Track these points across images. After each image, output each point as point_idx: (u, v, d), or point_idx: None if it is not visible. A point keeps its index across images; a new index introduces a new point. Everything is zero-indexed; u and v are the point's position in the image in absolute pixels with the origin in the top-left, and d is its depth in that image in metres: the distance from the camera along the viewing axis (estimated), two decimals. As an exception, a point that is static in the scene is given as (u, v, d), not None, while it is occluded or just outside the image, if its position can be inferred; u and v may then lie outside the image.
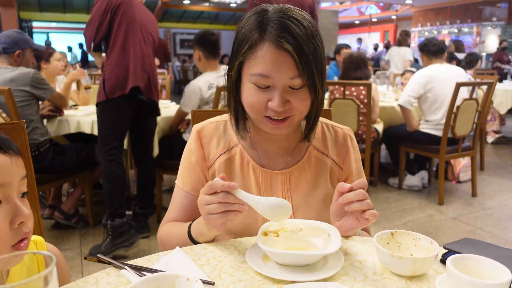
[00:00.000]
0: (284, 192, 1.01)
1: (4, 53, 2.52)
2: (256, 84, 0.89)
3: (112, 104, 2.44)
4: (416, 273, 0.75)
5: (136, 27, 2.45)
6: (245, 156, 1.02)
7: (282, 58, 0.85)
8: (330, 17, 12.92)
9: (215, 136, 1.04)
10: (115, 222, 2.47)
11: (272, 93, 0.88)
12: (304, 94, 0.90)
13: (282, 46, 0.84)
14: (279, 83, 0.87)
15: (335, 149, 1.05)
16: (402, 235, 0.83)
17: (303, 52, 0.85)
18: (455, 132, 3.26)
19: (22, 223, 0.66)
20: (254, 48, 0.88)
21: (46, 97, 2.57)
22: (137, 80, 2.42)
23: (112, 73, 2.41)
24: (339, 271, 0.77)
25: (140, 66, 2.46)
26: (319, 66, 0.89)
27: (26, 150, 1.14)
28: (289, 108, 0.89)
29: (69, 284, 0.73)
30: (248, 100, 0.92)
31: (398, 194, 3.64)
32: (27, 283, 0.46)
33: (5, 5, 9.59)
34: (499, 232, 2.87)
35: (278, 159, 1.02)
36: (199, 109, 1.74)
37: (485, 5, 12.22)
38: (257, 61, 0.87)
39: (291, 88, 0.88)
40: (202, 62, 2.85)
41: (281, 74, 0.86)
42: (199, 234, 0.90)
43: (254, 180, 1.01)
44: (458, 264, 0.67)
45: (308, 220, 0.88)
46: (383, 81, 5.13)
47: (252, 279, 0.75)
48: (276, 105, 0.87)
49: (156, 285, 0.64)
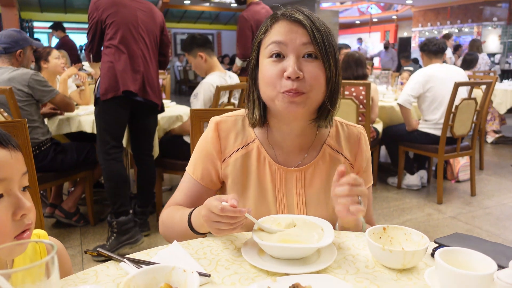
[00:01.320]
0: (298, 189, 1.03)
1: (6, 53, 2.53)
2: (271, 54, 0.93)
3: (107, 106, 2.46)
4: (407, 266, 0.77)
5: (126, 29, 2.45)
6: (262, 152, 1.03)
7: (295, 27, 0.92)
8: (330, 17, 12.92)
9: (233, 130, 1.06)
10: (120, 219, 2.49)
11: (286, 62, 0.91)
12: (317, 66, 0.92)
13: (295, 17, 0.92)
14: (292, 50, 0.91)
15: (348, 146, 1.08)
16: (394, 230, 0.85)
17: (315, 25, 0.92)
18: (454, 132, 3.27)
19: (24, 215, 0.68)
20: (270, 27, 0.95)
21: (45, 99, 2.56)
22: (127, 83, 2.42)
23: (105, 76, 2.43)
24: (332, 264, 0.79)
25: (130, 68, 2.45)
26: (331, 48, 0.93)
27: (28, 148, 1.16)
28: (303, 79, 0.91)
29: (70, 276, 0.76)
30: (264, 76, 0.94)
31: (397, 193, 3.66)
32: (29, 271, 0.48)
33: (6, 5, 9.61)
34: (497, 231, 2.89)
35: (294, 156, 1.04)
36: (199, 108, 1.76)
37: (486, 5, 12.22)
38: (272, 34, 0.94)
39: (304, 58, 0.92)
40: (208, 62, 2.83)
41: (294, 40, 0.91)
42: (200, 226, 0.92)
43: (270, 176, 1.02)
44: (446, 257, 0.69)
45: (302, 216, 0.90)
46: (382, 81, 5.14)
47: (247, 272, 0.77)
48: (290, 70, 0.89)
49: (153, 276, 0.66)
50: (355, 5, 15.00)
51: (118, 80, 2.41)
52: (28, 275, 0.49)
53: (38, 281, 0.49)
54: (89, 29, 2.46)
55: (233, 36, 18.06)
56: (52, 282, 0.51)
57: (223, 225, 0.82)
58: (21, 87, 2.44)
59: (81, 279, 0.75)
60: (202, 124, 1.42)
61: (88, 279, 0.75)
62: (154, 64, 2.63)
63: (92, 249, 2.52)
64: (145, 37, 2.55)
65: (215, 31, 17.76)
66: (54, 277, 0.52)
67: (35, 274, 0.49)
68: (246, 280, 0.75)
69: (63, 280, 0.74)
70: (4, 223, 0.65)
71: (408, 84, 3.48)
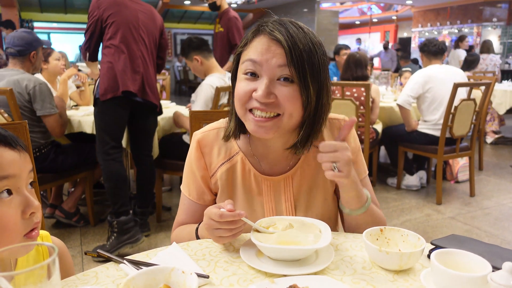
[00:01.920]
0: (287, 195, 1.01)
1: (20, 55, 2.51)
2: (246, 72, 0.90)
3: (106, 106, 2.46)
4: (403, 267, 0.78)
5: (126, 29, 2.45)
6: (247, 164, 1.02)
7: (273, 46, 0.87)
8: (330, 18, 12.94)
9: (215, 144, 1.04)
10: (121, 219, 2.49)
11: (258, 83, 0.88)
12: (293, 91, 0.87)
13: (274, 36, 0.86)
14: (267, 71, 0.87)
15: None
16: (391, 232, 0.86)
17: (296, 46, 0.85)
18: (453, 132, 3.28)
19: (33, 213, 0.70)
20: (250, 40, 0.91)
21: (39, 112, 2.49)
22: (127, 83, 2.43)
23: (104, 76, 2.43)
24: (330, 265, 0.80)
25: (130, 69, 2.45)
26: (315, 71, 0.87)
27: (29, 149, 1.17)
28: (275, 102, 0.87)
29: (70, 278, 0.77)
30: (236, 92, 0.92)
31: (397, 194, 3.67)
32: (31, 273, 0.49)
33: (6, 6, 9.63)
34: (496, 231, 2.90)
35: (279, 164, 1.02)
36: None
37: (485, 6, 12.22)
38: (250, 49, 0.90)
39: (280, 81, 0.87)
40: (205, 64, 2.84)
41: (270, 61, 0.86)
42: (206, 236, 0.94)
43: (257, 188, 1.01)
44: (442, 258, 0.70)
45: (300, 217, 0.91)
46: (382, 81, 5.15)
47: (245, 273, 0.78)
48: (260, 94, 0.86)
49: (152, 277, 0.67)
50: (355, 6, 15.01)
51: (117, 80, 2.41)
52: (30, 276, 0.50)
53: (39, 282, 0.50)
54: (88, 27, 2.45)
55: (233, 36, 18.08)
56: (53, 283, 0.52)
57: (223, 232, 0.83)
58: (22, 92, 2.43)
59: (81, 281, 0.76)
60: (201, 125, 1.43)
61: (88, 280, 0.76)
62: (153, 65, 2.65)
63: (92, 250, 2.53)
64: (145, 38, 2.55)
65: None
66: (55, 278, 0.53)
67: (37, 275, 0.50)
68: (244, 281, 0.76)
69: (64, 282, 0.75)
70: (15, 221, 0.67)
71: (407, 84, 3.48)
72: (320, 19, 12.59)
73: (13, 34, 2.54)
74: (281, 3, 13.45)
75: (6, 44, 2.53)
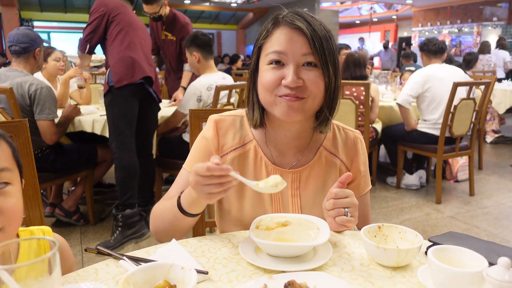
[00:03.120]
0: (293, 190, 1.04)
1: (25, 52, 2.50)
2: (271, 62, 0.93)
3: (120, 93, 2.49)
4: (401, 263, 0.78)
5: (136, 28, 2.54)
6: (259, 153, 1.05)
7: (296, 36, 0.92)
8: (330, 17, 12.95)
9: (231, 129, 1.07)
10: (126, 212, 2.49)
11: (286, 71, 0.92)
12: (317, 75, 0.93)
13: (296, 25, 0.91)
14: (292, 59, 0.92)
15: (345, 150, 1.08)
16: (388, 229, 0.87)
17: (316, 33, 0.91)
18: (453, 132, 3.29)
19: None
20: (271, 32, 0.95)
21: (37, 116, 2.45)
22: (145, 71, 2.51)
23: (118, 64, 2.46)
24: (328, 262, 0.81)
25: (146, 61, 2.55)
26: (331, 56, 0.93)
27: (29, 148, 1.17)
28: (302, 86, 0.92)
29: (70, 274, 0.77)
30: (262, 82, 0.95)
31: (396, 193, 3.68)
32: (33, 267, 0.50)
33: (6, 5, 9.64)
34: (495, 230, 2.90)
35: (290, 157, 1.05)
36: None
37: (486, 5, 12.22)
38: (273, 41, 0.94)
39: (304, 66, 0.92)
40: (201, 63, 2.87)
41: (295, 50, 0.91)
42: (191, 205, 0.92)
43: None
44: (439, 254, 0.71)
45: (298, 214, 0.92)
46: (382, 80, 5.16)
47: (244, 270, 0.79)
48: (289, 80, 0.90)
49: (152, 273, 0.68)
50: (355, 5, 15.01)
51: (135, 66, 2.47)
52: (31, 270, 0.50)
53: (40, 276, 0.51)
54: (93, 20, 2.46)
55: (233, 35, 18.10)
56: (54, 278, 0.53)
57: (213, 187, 0.81)
58: (24, 96, 2.41)
59: (81, 277, 0.76)
60: (201, 124, 1.43)
61: (88, 277, 0.76)
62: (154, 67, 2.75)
63: (97, 246, 2.53)
64: (148, 42, 2.67)
65: (215, 31, 17.76)
66: (56, 274, 0.53)
67: (38, 269, 0.50)
68: (243, 277, 0.76)
69: (64, 278, 0.76)
70: None
71: (407, 84, 3.49)
72: (320, 18, 12.55)
73: (16, 32, 2.52)
74: (280, 2, 13.31)
75: (9, 42, 2.49)
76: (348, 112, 3.30)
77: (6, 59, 9.26)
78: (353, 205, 0.92)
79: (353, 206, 0.92)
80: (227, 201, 1.06)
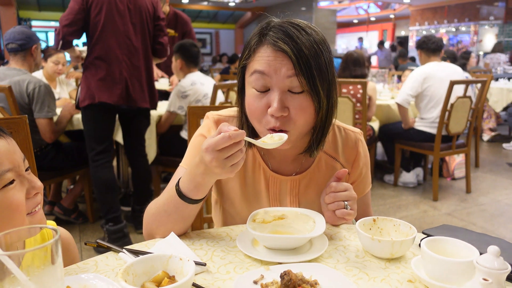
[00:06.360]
0: (292, 197, 1.02)
1: (22, 49, 2.49)
2: (255, 85, 0.88)
3: (89, 112, 2.43)
4: (395, 255, 0.80)
5: (109, 33, 2.37)
6: (257, 158, 1.02)
7: (280, 58, 0.85)
8: (328, 16, 12.96)
9: None
10: (110, 228, 2.49)
11: (270, 97, 0.87)
12: (304, 101, 0.86)
13: (279, 47, 0.84)
14: (276, 83, 0.86)
15: (345, 153, 1.05)
16: (383, 222, 0.89)
17: (302, 53, 0.83)
18: (449, 130, 3.31)
19: (37, 193, 0.75)
20: (254, 52, 0.89)
21: (36, 115, 2.44)
22: (104, 95, 2.35)
23: (84, 83, 2.40)
24: (323, 254, 0.83)
25: (112, 79, 2.37)
26: (323, 73, 0.86)
27: (28, 144, 1.18)
28: (287, 116, 0.87)
29: (70, 266, 0.78)
30: (248, 107, 0.91)
31: (394, 190, 3.70)
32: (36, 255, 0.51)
33: (5, 4, 9.62)
34: (491, 227, 2.92)
35: (288, 165, 1.03)
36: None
37: (483, 4, 12.26)
38: (256, 60, 0.88)
39: (290, 92, 0.86)
40: (183, 70, 2.96)
41: (279, 73, 0.85)
42: (196, 188, 0.86)
43: (264, 183, 1.02)
44: (432, 246, 0.73)
45: (294, 208, 0.93)
46: (379, 79, 5.17)
47: (241, 261, 0.81)
48: (274, 108, 0.85)
49: (151, 264, 0.69)
50: (353, 4, 15.02)
51: (93, 92, 2.36)
52: (35, 258, 0.52)
53: (42, 264, 0.52)
54: (70, 16, 2.30)
55: (231, 35, 18.10)
56: (56, 267, 0.54)
57: (236, 157, 0.78)
58: (22, 94, 2.41)
59: (81, 269, 0.78)
60: (199, 121, 1.45)
61: (88, 269, 0.78)
62: (145, 63, 2.54)
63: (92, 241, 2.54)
64: (137, 24, 2.45)
65: (213, 30, 17.76)
66: (58, 263, 0.55)
67: (41, 258, 0.52)
68: (240, 269, 0.78)
69: (64, 270, 0.77)
70: (22, 202, 0.72)
71: (406, 83, 3.48)
72: (317, 18, 12.61)
73: (12, 30, 2.52)
74: (278, 2, 13.46)
75: (5, 40, 2.50)
76: (345, 110, 3.31)
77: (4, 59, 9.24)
78: (352, 198, 0.93)
79: (352, 199, 0.93)
80: (225, 201, 1.07)
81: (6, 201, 0.70)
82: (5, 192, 0.70)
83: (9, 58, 2.57)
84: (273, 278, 0.71)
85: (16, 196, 0.71)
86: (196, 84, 2.85)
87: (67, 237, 0.97)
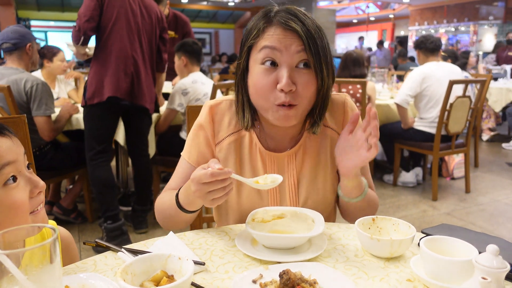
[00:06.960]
0: (290, 171, 1.04)
1: (16, 48, 2.49)
2: (264, 61, 0.91)
3: (93, 110, 2.43)
4: (394, 254, 0.80)
5: (122, 27, 2.39)
6: (254, 139, 1.05)
7: (289, 36, 0.90)
8: (327, 16, 12.96)
9: (227, 114, 1.06)
10: (108, 226, 2.49)
11: (279, 73, 0.90)
12: (310, 77, 0.91)
13: (290, 25, 0.90)
14: (286, 59, 0.90)
15: (334, 116, 1.08)
16: (382, 221, 0.89)
17: (310, 33, 0.90)
18: (449, 129, 3.31)
19: (40, 192, 0.76)
20: (262, 31, 0.93)
21: (34, 113, 2.44)
22: (113, 88, 2.36)
23: (92, 79, 2.40)
24: (322, 253, 0.83)
25: (122, 70, 2.39)
26: (324, 54, 0.92)
27: (27, 143, 1.18)
28: (294, 92, 0.90)
29: (69, 265, 0.78)
30: (256, 85, 0.93)
31: (393, 190, 3.70)
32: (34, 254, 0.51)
33: (3, 4, 9.61)
34: (490, 226, 2.93)
35: (284, 143, 1.05)
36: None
37: (482, 4, 12.27)
38: (265, 38, 0.92)
39: (298, 68, 0.91)
40: (187, 68, 2.97)
41: (289, 49, 0.90)
42: (188, 204, 0.92)
43: (261, 162, 1.04)
44: (431, 245, 0.73)
45: (293, 207, 0.93)
46: (378, 79, 5.18)
47: (240, 261, 0.80)
48: (284, 83, 0.88)
49: (150, 263, 0.69)
50: (352, 4, 15.02)
51: (104, 84, 2.37)
52: (35, 257, 0.52)
53: (40, 264, 0.52)
54: (87, 12, 2.31)
55: (231, 35, 18.10)
56: (55, 266, 0.54)
57: (217, 193, 0.82)
58: (20, 93, 2.40)
59: (80, 268, 0.78)
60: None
61: (87, 268, 0.78)
62: (148, 66, 2.58)
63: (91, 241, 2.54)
64: (141, 36, 2.51)
65: (213, 30, 17.76)
66: (57, 262, 0.55)
67: (39, 257, 0.52)
68: (239, 268, 0.78)
69: (63, 269, 0.77)
70: (25, 202, 0.72)
71: (405, 83, 3.48)
72: (317, 17, 12.47)
73: (6, 30, 2.53)
74: (277, 1, 13.44)
75: (0, 41, 2.51)
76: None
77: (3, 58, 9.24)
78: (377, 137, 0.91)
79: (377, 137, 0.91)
80: None
81: (9, 200, 0.70)
82: (8, 191, 0.70)
83: (6, 58, 2.57)
84: (272, 278, 0.71)
85: (19, 195, 0.71)
86: (197, 82, 2.86)
87: (67, 237, 0.97)
